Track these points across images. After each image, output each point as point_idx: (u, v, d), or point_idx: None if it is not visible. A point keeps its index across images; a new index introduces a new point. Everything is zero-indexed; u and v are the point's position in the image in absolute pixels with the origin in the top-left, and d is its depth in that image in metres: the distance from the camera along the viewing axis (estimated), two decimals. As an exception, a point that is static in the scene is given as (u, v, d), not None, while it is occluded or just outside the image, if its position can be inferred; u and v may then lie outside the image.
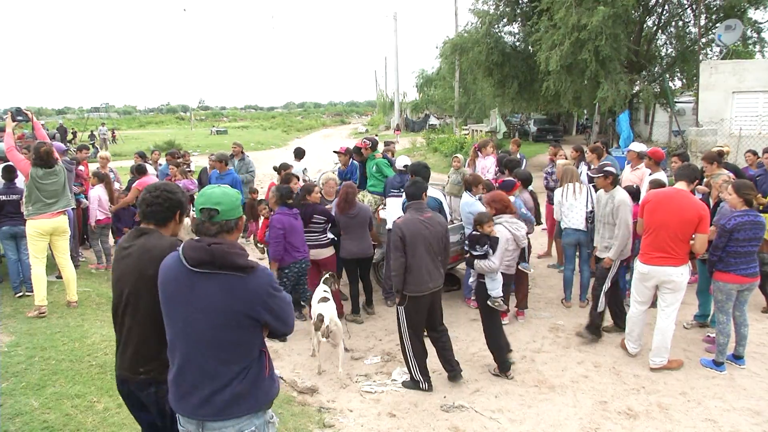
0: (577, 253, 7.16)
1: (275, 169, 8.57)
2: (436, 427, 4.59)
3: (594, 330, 6.11)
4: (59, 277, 7.24)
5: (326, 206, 6.85)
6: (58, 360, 5.20)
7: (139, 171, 8.84)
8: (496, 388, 5.22)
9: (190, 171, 10.26)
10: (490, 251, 5.27)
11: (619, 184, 6.42)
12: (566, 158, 8.74)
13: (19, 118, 7.21)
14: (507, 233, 5.67)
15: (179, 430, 2.54)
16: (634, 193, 6.45)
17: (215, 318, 2.37)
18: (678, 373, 5.39)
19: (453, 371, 5.29)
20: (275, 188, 6.58)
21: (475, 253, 5.31)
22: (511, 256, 5.89)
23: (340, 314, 6.68)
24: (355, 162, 8.52)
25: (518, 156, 8.95)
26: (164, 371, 2.73)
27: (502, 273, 5.50)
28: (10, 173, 7.09)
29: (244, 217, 2.59)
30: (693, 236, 5.14)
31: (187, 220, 7.09)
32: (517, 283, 6.75)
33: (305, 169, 9.51)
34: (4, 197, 6.98)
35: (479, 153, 9.34)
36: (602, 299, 6.03)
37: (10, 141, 6.82)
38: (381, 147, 8.83)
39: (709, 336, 6.03)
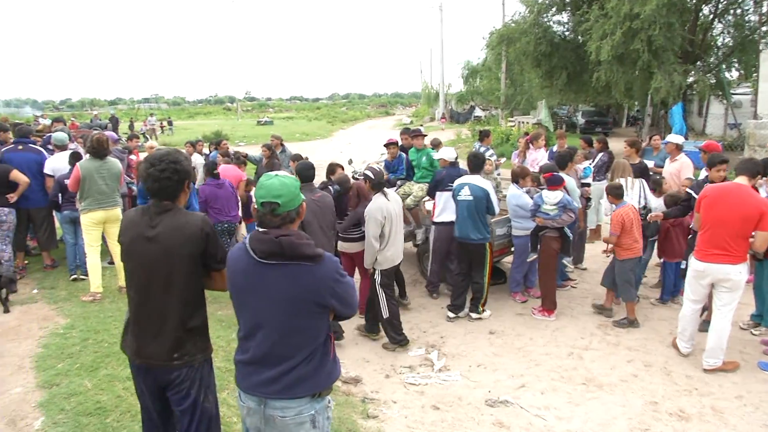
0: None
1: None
2: (480, 421, 4.55)
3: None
4: (111, 262, 7.48)
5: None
6: (110, 343, 5.35)
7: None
8: (543, 384, 5.13)
9: (243, 162, 10.34)
10: None
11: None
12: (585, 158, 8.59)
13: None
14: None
15: (241, 406, 2.58)
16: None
17: (286, 306, 2.42)
18: (734, 376, 5.20)
19: None
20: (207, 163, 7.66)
21: None
22: None
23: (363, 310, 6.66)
24: (402, 154, 8.49)
25: (566, 149, 8.74)
26: (197, 354, 2.80)
27: None
28: (75, 159, 7.32)
29: (305, 203, 2.59)
30: (753, 233, 4.94)
31: None
32: (542, 276, 6.68)
33: (351, 159, 9.53)
34: (67, 181, 7.21)
35: (531, 145, 9.19)
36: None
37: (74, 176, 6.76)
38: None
39: (766, 339, 5.80)
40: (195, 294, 2.77)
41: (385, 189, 5.85)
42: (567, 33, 21.66)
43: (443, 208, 6.99)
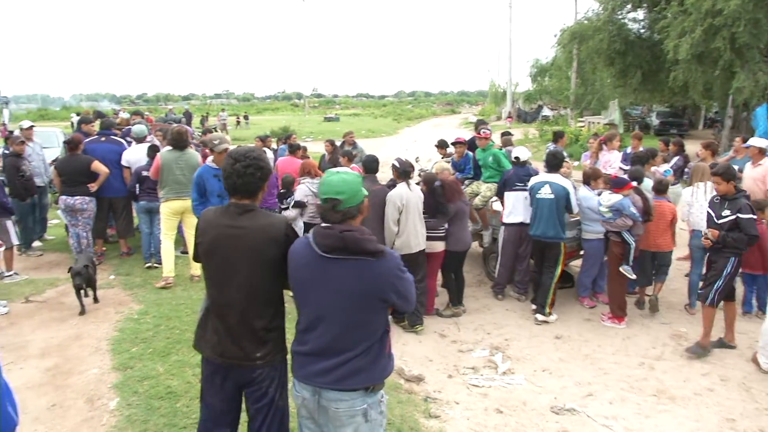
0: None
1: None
2: (545, 428, 4.44)
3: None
4: (184, 252, 7.73)
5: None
6: (182, 330, 5.54)
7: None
8: (611, 393, 4.96)
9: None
10: None
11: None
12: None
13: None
14: None
15: (296, 395, 2.61)
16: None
17: (348, 301, 2.45)
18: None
19: None
20: None
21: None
22: None
23: (430, 310, 6.67)
24: (469, 153, 8.40)
25: (646, 150, 8.40)
26: (277, 354, 2.81)
27: None
28: (153, 151, 7.62)
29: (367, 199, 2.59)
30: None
31: None
32: (609, 282, 6.49)
33: (418, 157, 9.51)
34: (145, 173, 7.53)
35: (604, 146, 8.90)
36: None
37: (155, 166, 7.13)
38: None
39: None
40: (276, 294, 2.79)
41: (410, 180, 6.11)
42: (642, 30, 20.90)
43: (512, 209, 6.89)
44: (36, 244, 8.86)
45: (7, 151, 8.46)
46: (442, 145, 9.65)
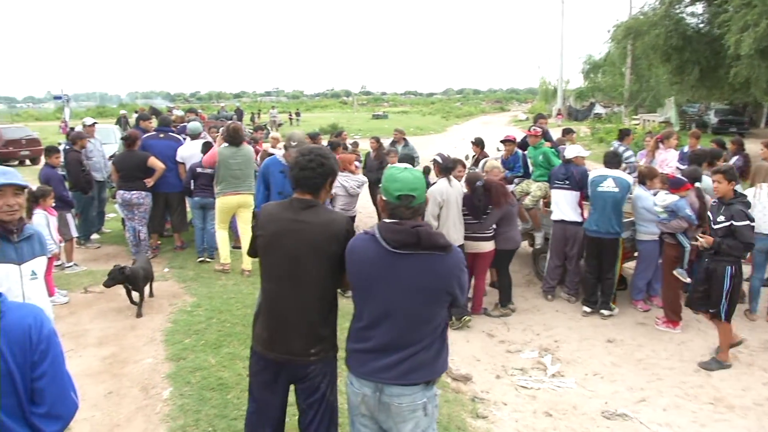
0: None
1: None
2: (596, 433, 4.35)
3: None
4: (237, 246, 7.88)
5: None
6: (233, 323, 5.64)
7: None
8: (665, 400, 4.81)
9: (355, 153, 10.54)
10: None
11: None
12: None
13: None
14: None
15: (354, 393, 2.60)
16: None
17: (417, 295, 2.46)
18: None
19: None
20: None
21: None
22: None
23: (478, 309, 6.60)
24: (519, 151, 8.29)
25: (709, 149, 8.11)
26: (331, 350, 2.82)
27: None
28: (207, 148, 7.81)
29: (435, 196, 2.60)
30: None
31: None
32: (663, 285, 6.31)
33: (468, 155, 9.43)
34: (199, 169, 7.72)
35: (661, 144, 8.64)
36: None
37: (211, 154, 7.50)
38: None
39: None
40: (333, 291, 2.80)
41: (452, 176, 6.18)
42: (702, 25, 20.11)
43: (555, 206, 6.86)
44: (94, 236, 9.19)
45: (68, 147, 8.79)
46: (478, 143, 9.56)
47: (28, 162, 21.51)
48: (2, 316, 1.63)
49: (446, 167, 6.20)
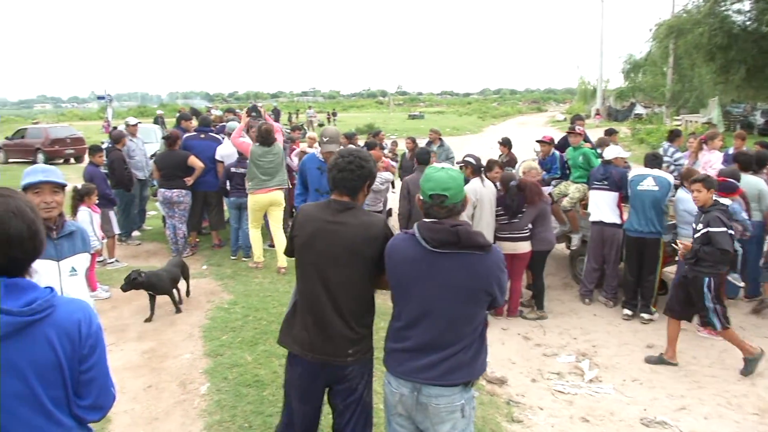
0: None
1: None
2: (634, 440, 4.26)
3: None
4: (271, 245, 7.97)
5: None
6: (269, 321, 5.70)
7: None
8: (706, 408, 4.68)
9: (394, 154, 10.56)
10: None
11: None
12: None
13: (253, 114, 8.13)
14: None
15: (391, 392, 2.60)
16: None
17: (456, 295, 2.46)
18: None
19: None
20: None
21: None
22: None
23: (514, 312, 6.55)
24: (556, 152, 8.18)
25: (758, 151, 7.85)
26: (368, 351, 2.81)
27: None
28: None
29: (469, 196, 2.57)
30: None
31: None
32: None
33: (501, 155, 9.38)
34: (234, 169, 7.85)
35: (704, 146, 8.42)
36: None
37: (237, 131, 7.74)
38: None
39: None
40: (370, 292, 2.80)
41: (484, 176, 6.27)
42: (749, 22, 19.55)
43: (593, 207, 6.77)
44: (135, 234, 9.40)
45: (110, 146, 9.02)
46: (505, 144, 9.52)
47: (72, 160, 22.14)
48: (53, 310, 1.67)
49: (479, 167, 6.23)
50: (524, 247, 6.27)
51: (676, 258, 6.68)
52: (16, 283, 1.65)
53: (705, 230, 5.01)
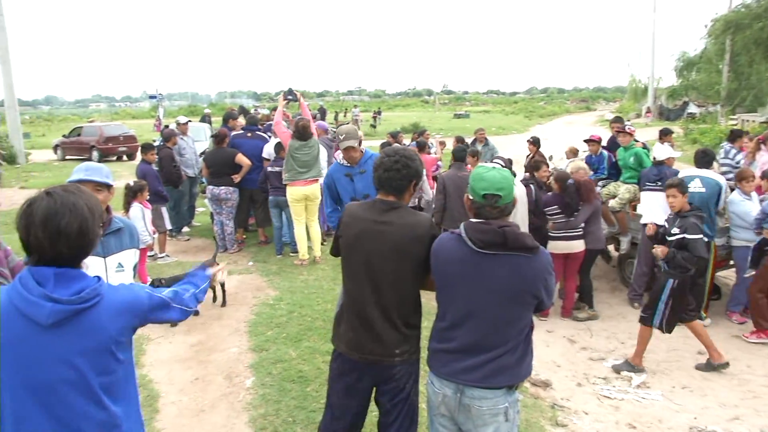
0: None
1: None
2: (683, 449, 4.14)
3: None
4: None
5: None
6: (313, 318, 5.78)
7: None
8: (762, 420, 4.50)
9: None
10: None
11: None
12: None
13: (290, 97, 8.27)
14: None
15: (435, 393, 2.59)
16: None
17: (502, 296, 2.43)
18: None
19: None
20: None
21: None
22: None
23: (567, 314, 6.47)
24: (604, 152, 8.01)
25: None
26: (415, 351, 2.80)
27: None
28: (279, 149, 8.03)
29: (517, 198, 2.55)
30: None
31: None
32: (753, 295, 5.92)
33: (551, 156, 9.26)
34: (270, 169, 7.97)
35: (762, 146, 8.10)
36: None
37: (278, 116, 7.96)
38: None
39: None
40: (416, 291, 2.78)
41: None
42: (812, 18, 18.76)
43: (646, 209, 6.57)
44: (185, 229, 9.64)
45: (161, 144, 9.27)
46: (534, 143, 9.51)
47: (125, 158, 22.84)
48: (101, 298, 1.74)
49: (507, 169, 6.17)
50: (579, 245, 6.19)
51: (731, 262, 6.49)
52: (65, 272, 1.70)
53: (681, 236, 4.97)
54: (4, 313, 1.64)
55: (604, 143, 8.36)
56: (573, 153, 9.55)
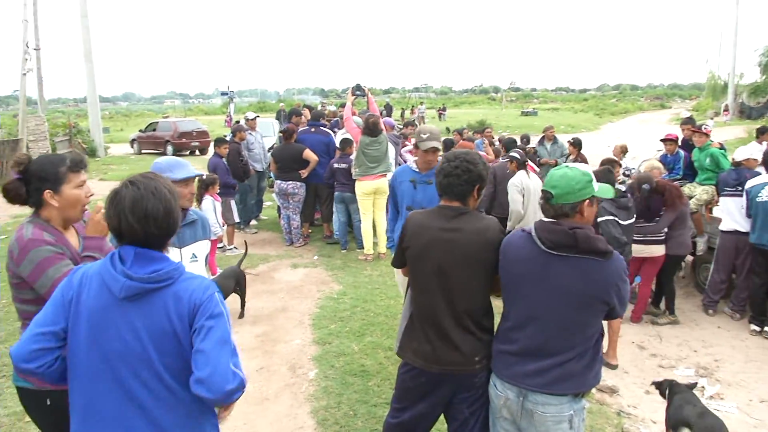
0: None
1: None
2: (761, 465, 3.93)
3: None
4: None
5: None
6: (376, 313, 5.82)
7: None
8: None
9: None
10: None
11: None
12: None
13: (358, 92, 8.35)
14: None
15: (497, 395, 2.54)
16: None
17: (569, 299, 2.36)
18: None
19: None
20: None
21: None
22: None
23: (637, 318, 6.27)
24: (681, 151, 7.68)
25: None
26: (491, 356, 2.70)
27: None
28: (345, 145, 8.11)
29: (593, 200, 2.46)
30: None
31: None
32: None
33: (569, 156, 9.02)
34: (336, 165, 8.07)
35: None
36: None
37: (348, 112, 8.09)
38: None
39: None
40: (488, 296, 2.72)
41: (528, 169, 6.51)
42: None
43: (726, 215, 6.28)
44: (253, 222, 9.90)
45: (229, 139, 9.53)
46: (575, 144, 9.45)
47: (197, 152, 23.64)
48: (173, 282, 1.81)
49: (523, 162, 6.52)
50: (658, 250, 5.94)
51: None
52: (146, 253, 1.82)
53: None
54: (95, 283, 1.81)
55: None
56: (622, 151, 9.31)
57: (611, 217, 5.09)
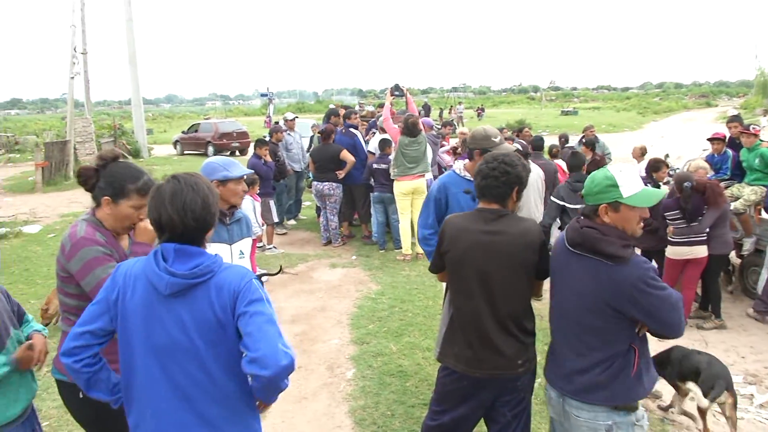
0: None
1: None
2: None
3: None
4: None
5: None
6: (414, 313, 5.81)
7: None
8: None
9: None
10: None
11: None
12: None
13: (396, 93, 8.36)
14: None
15: (546, 392, 2.58)
16: None
17: (582, 300, 2.35)
18: None
19: None
20: None
21: None
22: None
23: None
24: (729, 151, 7.45)
25: None
26: (534, 359, 2.69)
27: None
28: (384, 145, 8.12)
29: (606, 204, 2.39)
30: None
31: None
32: None
33: (667, 154, 8.77)
34: (376, 165, 8.08)
35: None
36: None
37: (387, 112, 8.09)
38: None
39: None
40: (529, 298, 2.70)
41: (530, 160, 6.19)
42: None
43: None
44: (290, 222, 9.99)
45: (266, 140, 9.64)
46: (588, 144, 9.12)
47: (237, 153, 24.01)
48: (213, 275, 1.86)
49: (525, 154, 6.24)
50: (701, 251, 5.76)
51: None
52: (185, 249, 1.87)
53: None
54: (141, 280, 1.88)
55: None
56: (642, 153, 9.17)
57: (560, 202, 5.71)
